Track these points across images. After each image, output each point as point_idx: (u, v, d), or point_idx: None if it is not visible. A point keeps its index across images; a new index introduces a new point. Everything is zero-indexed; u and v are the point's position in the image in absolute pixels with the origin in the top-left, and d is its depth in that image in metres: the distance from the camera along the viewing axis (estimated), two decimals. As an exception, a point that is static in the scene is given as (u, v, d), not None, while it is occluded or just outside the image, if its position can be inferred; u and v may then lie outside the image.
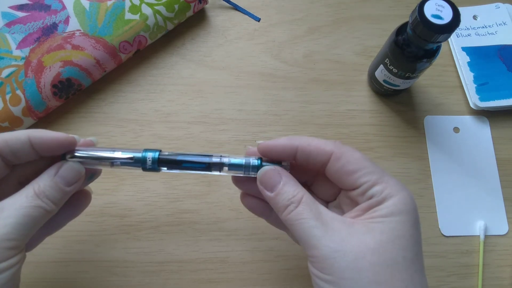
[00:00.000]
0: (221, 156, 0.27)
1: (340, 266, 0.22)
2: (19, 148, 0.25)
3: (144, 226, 0.37)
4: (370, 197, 0.24)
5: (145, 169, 0.27)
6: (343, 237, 0.23)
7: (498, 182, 0.40)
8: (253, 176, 0.27)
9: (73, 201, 0.29)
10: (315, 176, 0.29)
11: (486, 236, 0.38)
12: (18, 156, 0.25)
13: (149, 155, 0.27)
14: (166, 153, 0.27)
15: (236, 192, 0.38)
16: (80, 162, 0.27)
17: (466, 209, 0.39)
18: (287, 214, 0.25)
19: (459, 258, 0.38)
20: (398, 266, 0.22)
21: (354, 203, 0.26)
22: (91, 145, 0.28)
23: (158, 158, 0.27)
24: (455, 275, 0.37)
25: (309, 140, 0.26)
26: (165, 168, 0.27)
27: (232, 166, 0.27)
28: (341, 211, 0.28)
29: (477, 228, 0.38)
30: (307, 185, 0.30)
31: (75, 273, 0.36)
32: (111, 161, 0.27)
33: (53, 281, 0.35)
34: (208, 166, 0.27)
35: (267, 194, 0.26)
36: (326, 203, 0.29)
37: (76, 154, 0.27)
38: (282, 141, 0.26)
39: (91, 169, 0.28)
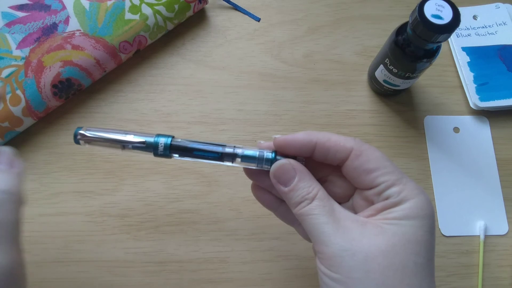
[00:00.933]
0: (234, 146, 0.27)
1: (349, 265, 0.22)
2: None
3: (144, 226, 0.37)
4: (387, 198, 0.24)
5: (156, 154, 0.26)
6: (354, 236, 0.23)
7: (498, 182, 0.40)
8: (266, 169, 0.27)
9: None
10: (329, 174, 0.28)
11: (486, 236, 0.38)
12: None
13: (162, 140, 0.26)
14: (179, 140, 0.27)
15: (236, 192, 0.39)
16: (91, 142, 0.26)
17: (466, 209, 0.39)
18: (300, 209, 0.24)
19: (459, 258, 0.38)
20: (408, 271, 0.22)
21: (369, 204, 0.25)
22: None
23: (170, 144, 0.26)
24: (455, 275, 0.37)
25: (328, 135, 0.25)
26: (177, 155, 0.27)
27: (245, 158, 0.26)
28: (354, 212, 0.27)
29: (477, 228, 0.38)
30: (320, 183, 0.29)
31: (75, 273, 0.36)
32: (123, 144, 0.26)
33: (53, 281, 0.35)
34: (221, 156, 0.26)
35: (281, 188, 0.25)
36: (339, 204, 0.29)
37: (88, 134, 0.26)
38: (300, 136, 0.25)
39: None
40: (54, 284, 0.35)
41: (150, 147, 0.26)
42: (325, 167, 0.27)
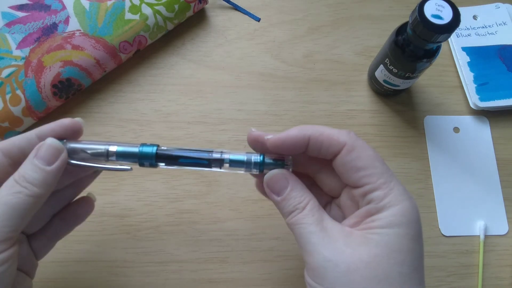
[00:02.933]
0: (221, 152, 0.26)
1: (331, 277, 0.22)
2: (26, 145, 0.25)
3: (144, 226, 0.37)
4: (369, 202, 0.24)
5: (142, 164, 0.26)
6: (338, 247, 0.22)
7: (498, 182, 0.40)
8: (255, 173, 0.26)
9: (77, 209, 0.30)
10: (322, 167, 0.28)
11: (486, 236, 0.38)
12: (27, 153, 0.25)
13: (146, 150, 0.26)
14: (164, 148, 0.26)
15: (236, 192, 0.39)
16: (76, 161, 0.26)
17: (466, 209, 0.39)
18: (291, 219, 0.25)
19: (459, 258, 0.38)
20: (392, 282, 0.21)
21: (355, 205, 0.25)
22: (79, 127, 0.27)
23: (156, 153, 0.26)
24: (455, 275, 0.37)
25: (321, 129, 0.25)
26: (163, 164, 0.26)
27: (233, 163, 0.26)
28: (342, 213, 0.27)
29: (477, 228, 0.38)
30: (313, 175, 0.29)
31: (75, 273, 0.36)
32: (106, 156, 0.26)
33: (53, 281, 0.35)
34: (208, 163, 0.26)
35: (274, 198, 0.26)
36: (331, 198, 0.28)
37: (70, 146, 0.26)
38: (293, 132, 0.25)
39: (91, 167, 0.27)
40: (54, 284, 0.35)
41: (135, 157, 0.26)
42: (318, 160, 0.27)
